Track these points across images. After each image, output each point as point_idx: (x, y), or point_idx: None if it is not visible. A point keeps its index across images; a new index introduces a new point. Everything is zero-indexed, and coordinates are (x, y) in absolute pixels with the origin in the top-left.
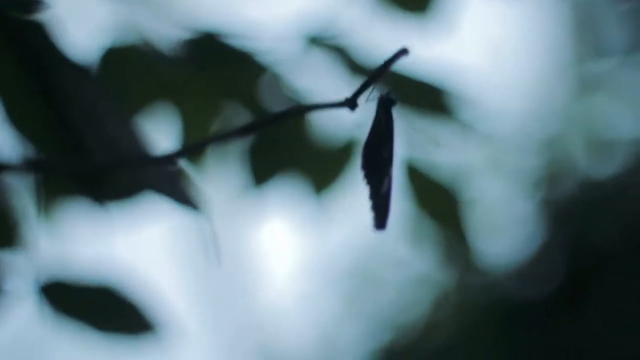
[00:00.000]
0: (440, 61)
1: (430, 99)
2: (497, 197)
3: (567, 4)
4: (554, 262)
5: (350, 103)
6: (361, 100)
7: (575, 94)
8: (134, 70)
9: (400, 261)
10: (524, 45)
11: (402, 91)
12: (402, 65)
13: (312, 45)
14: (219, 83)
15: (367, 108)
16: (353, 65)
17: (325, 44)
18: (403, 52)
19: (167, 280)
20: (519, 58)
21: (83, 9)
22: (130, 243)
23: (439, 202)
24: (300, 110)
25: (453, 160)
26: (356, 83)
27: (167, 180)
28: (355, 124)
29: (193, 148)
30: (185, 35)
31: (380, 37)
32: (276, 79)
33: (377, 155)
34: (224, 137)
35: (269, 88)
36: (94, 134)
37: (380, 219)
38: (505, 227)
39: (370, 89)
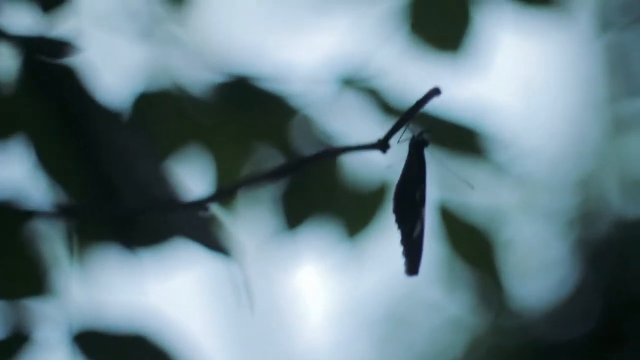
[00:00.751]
0: (473, 101)
1: (463, 140)
2: (532, 238)
3: (601, 43)
4: (589, 303)
5: (382, 145)
6: (393, 141)
7: (609, 133)
8: (167, 114)
9: (433, 304)
10: (557, 84)
11: (435, 132)
12: (435, 106)
13: (344, 87)
14: (250, 126)
15: (400, 149)
16: (386, 107)
17: (358, 85)
18: (435, 92)
19: (200, 327)
20: (553, 97)
21: (116, 53)
22: (163, 290)
23: (472, 244)
24: (332, 153)
25: (487, 202)
26: (389, 124)
27: (198, 226)
28: (388, 166)
29: (224, 192)
30: (217, 78)
31: (413, 77)
32: (308, 121)
33: (409, 198)
34: (254, 180)
35: (300, 130)
36: (124, 178)
37: (413, 264)
38: (539, 268)
39: (402, 130)
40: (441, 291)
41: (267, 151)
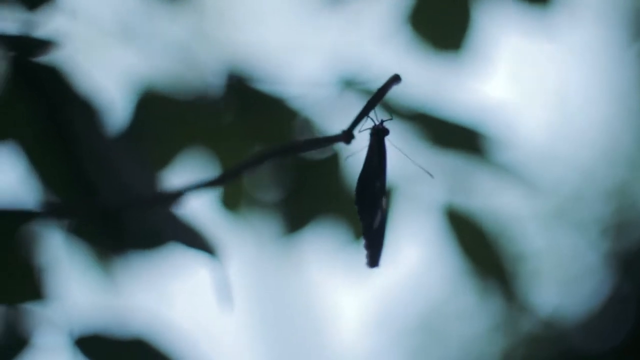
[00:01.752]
0: (476, 101)
1: (465, 141)
2: (565, 247)
3: (634, 50)
4: (622, 313)
5: (347, 136)
6: (356, 131)
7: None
8: (168, 116)
9: (466, 314)
10: (590, 91)
11: (440, 135)
12: (438, 107)
13: (346, 88)
14: (252, 128)
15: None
16: (387, 108)
17: (359, 87)
18: (395, 79)
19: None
20: (585, 105)
21: (118, 56)
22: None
23: (481, 249)
24: (298, 146)
25: (497, 207)
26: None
27: (179, 224)
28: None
29: (204, 184)
30: (220, 80)
31: (415, 78)
32: (309, 124)
33: (370, 189)
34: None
35: (301, 132)
36: (106, 176)
37: (374, 256)
38: (572, 277)
39: (365, 120)
40: (473, 300)
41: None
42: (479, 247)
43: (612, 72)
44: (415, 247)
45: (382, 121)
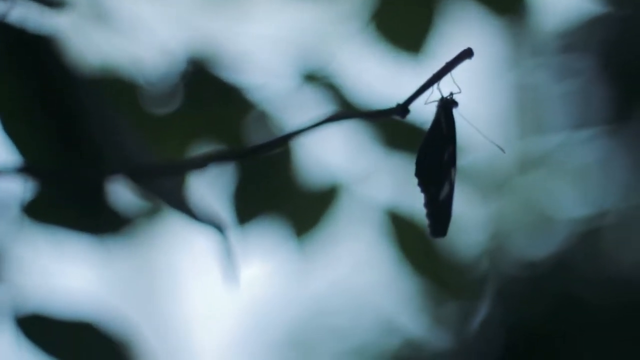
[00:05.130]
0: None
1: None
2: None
3: (510, 81)
4: (492, 340)
5: (402, 109)
6: (417, 103)
7: (518, 170)
8: (117, 99)
9: (339, 331)
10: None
11: (392, 134)
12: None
13: (305, 81)
14: (203, 116)
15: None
16: (345, 104)
17: (319, 81)
18: (467, 53)
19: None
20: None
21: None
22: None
23: (419, 253)
24: (347, 116)
25: None
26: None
27: (182, 195)
28: (341, 168)
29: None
30: (175, 66)
31: (374, 75)
32: (264, 117)
33: (436, 159)
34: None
35: (256, 126)
36: (109, 145)
37: (440, 226)
38: (443, 302)
39: (430, 91)
40: (347, 317)
41: (216, 145)
42: (418, 251)
43: (490, 100)
44: (355, 248)
45: (452, 93)
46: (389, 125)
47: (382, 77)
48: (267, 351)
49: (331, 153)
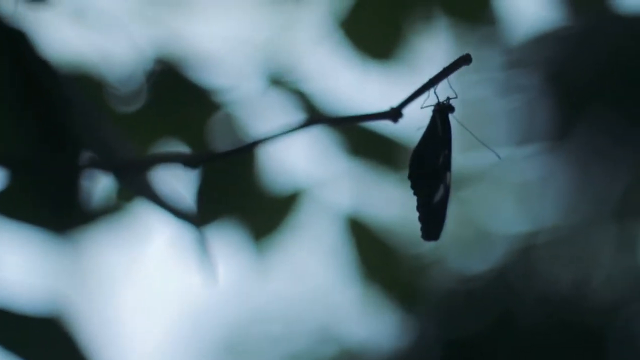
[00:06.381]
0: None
1: (382, 151)
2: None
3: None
4: (429, 351)
5: (395, 114)
6: (410, 108)
7: (458, 185)
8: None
9: (275, 338)
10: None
11: (358, 142)
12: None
13: (272, 85)
14: (168, 115)
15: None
16: (311, 109)
17: (286, 86)
18: (465, 59)
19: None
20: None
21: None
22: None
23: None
24: (344, 120)
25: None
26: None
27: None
28: (303, 173)
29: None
30: (144, 65)
31: (342, 82)
32: (229, 119)
33: (430, 163)
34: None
35: (220, 127)
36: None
37: (433, 229)
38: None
39: (425, 96)
40: (288, 324)
41: (178, 146)
42: (374, 259)
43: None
44: (313, 254)
45: (449, 98)
46: (353, 132)
47: (350, 83)
48: (203, 354)
49: (294, 158)
